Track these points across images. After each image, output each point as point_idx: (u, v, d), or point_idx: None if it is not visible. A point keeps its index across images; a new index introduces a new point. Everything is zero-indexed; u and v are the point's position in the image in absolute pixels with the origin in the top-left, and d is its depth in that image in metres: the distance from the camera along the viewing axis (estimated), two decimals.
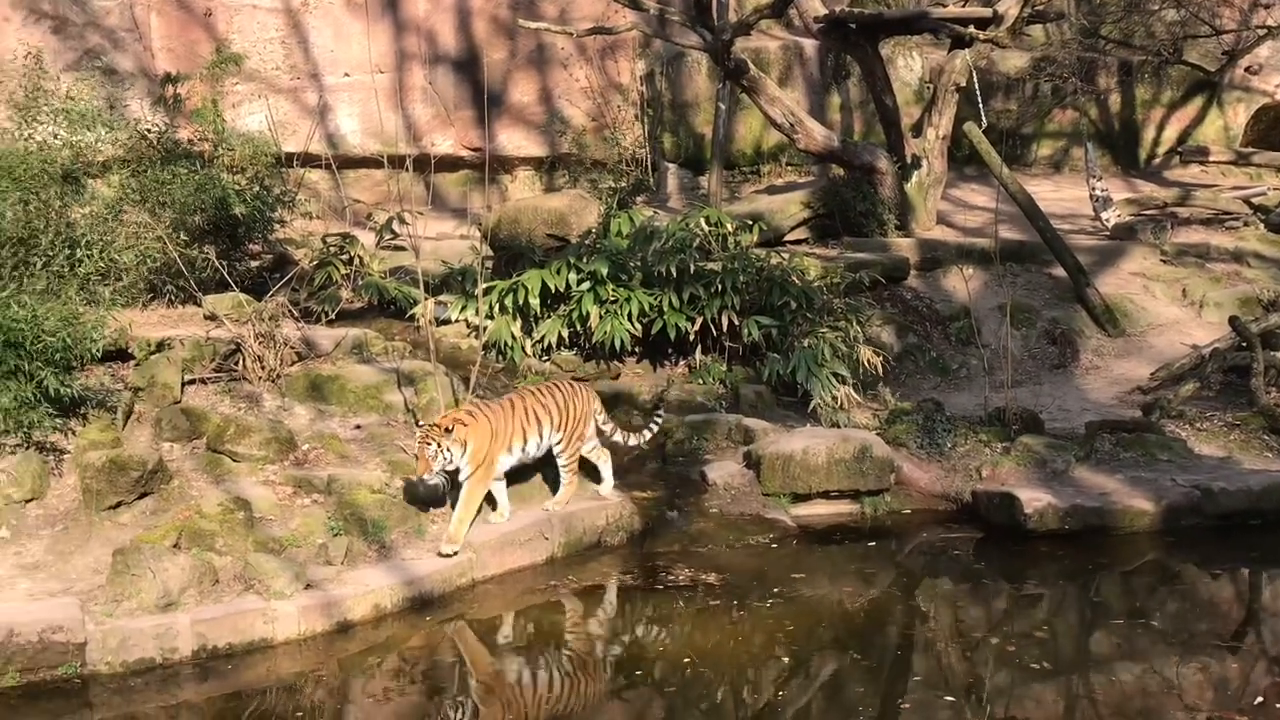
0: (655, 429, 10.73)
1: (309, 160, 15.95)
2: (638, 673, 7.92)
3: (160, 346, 10.74)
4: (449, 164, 17.12)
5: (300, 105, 16.79)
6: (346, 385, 11.08)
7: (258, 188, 13.48)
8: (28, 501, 9.11)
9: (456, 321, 13.01)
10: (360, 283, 13.49)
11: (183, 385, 10.47)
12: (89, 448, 9.35)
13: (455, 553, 9.02)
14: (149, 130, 13.59)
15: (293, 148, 15.73)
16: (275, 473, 9.81)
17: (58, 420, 9.47)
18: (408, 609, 8.71)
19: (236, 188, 13.02)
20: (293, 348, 11.27)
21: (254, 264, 13.70)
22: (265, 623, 8.13)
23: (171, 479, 9.42)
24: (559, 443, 9.87)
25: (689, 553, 9.90)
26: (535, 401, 9.76)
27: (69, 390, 9.47)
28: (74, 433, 9.62)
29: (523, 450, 9.66)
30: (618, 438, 10.48)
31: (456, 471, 9.25)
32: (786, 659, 8.07)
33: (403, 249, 14.46)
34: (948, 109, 17.00)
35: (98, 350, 9.81)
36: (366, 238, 14.69)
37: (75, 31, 15.70)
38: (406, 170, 14.50)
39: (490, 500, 9.69)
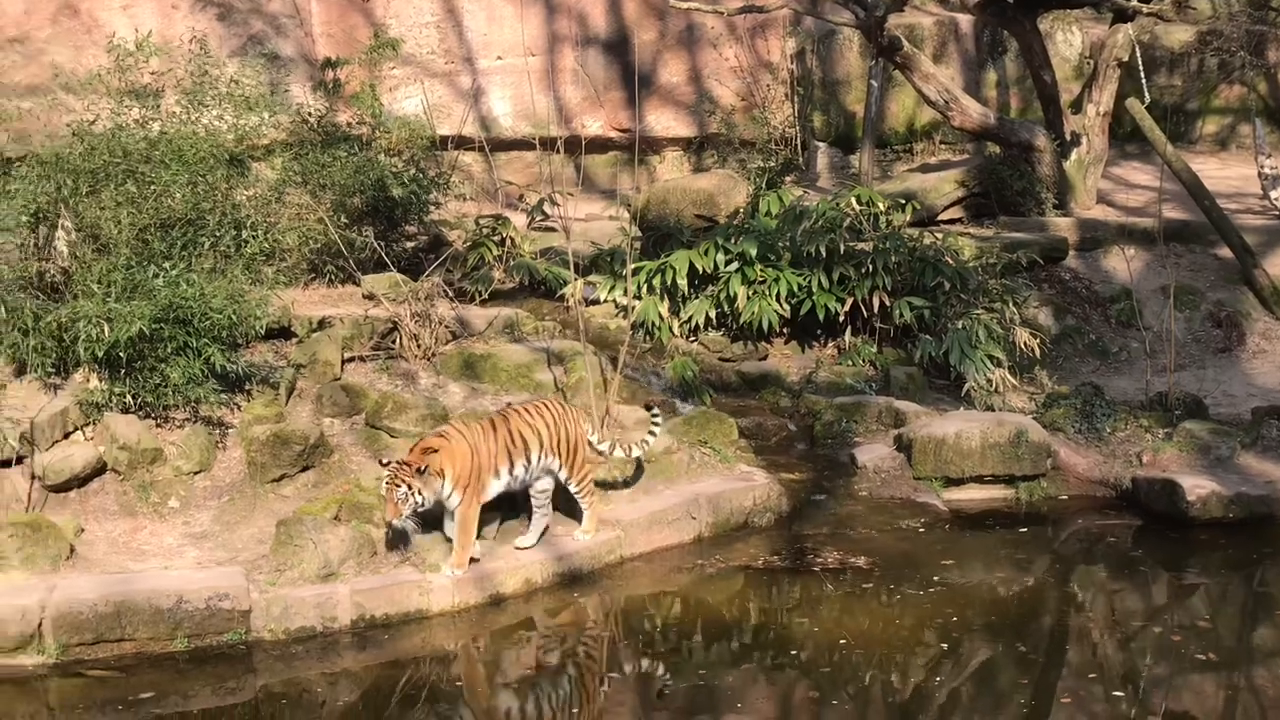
0: (653, 439, 9.70)
1: (462, 143, 16.20)
2: (785, 654, 7.88)
3: (321, 325, 11.05)
4: (598, 145, 17.22)
5: (454, 89, 17.06)
6: (498, 364, 11.25)
7: (414, 170, 13.75)
8: (195, 474, 9.46)
9: (605, 302, 13.10)
10: (512, 263, 13.66)
11: (342, 362, 10.75)
12: (254, 422, 9.66)
13: (458, 575, 8.43)
14: (310, 114, 13.96)
15: (447, 131, 16.00)
16: None
17: (224, 395, 9.81)
18: (557, 584, 8.82)
19: (394, 170, 13.30)
20: (447, 327, 11.49)
21: (410, 245, 13.97)
22: (421, 595, 8.31)
23: (332, 453, 9.69)
24: (560, 470, 8.97)
25: (838, 535, 9.82)
26: (522, 422, 8.89)
27: (235, 366, 9.79)
28: (239, 407, 9.95)
29: (510, 474, 8.77)
30: (618, 452, 9.52)
31: (443, 502, 8.51)
32: (937, 645, 7.96)
33: (553, 230, 14.61)
34: (1109, 85, 16.49)
35: (261, 328, 10.13)
36: (518, 219, 14.88)
37: (240, 18, 16.19)
38: (557, 152, 14.62)
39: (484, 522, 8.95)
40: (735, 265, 12.68)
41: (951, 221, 15.62)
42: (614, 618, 8.68)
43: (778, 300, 12.47)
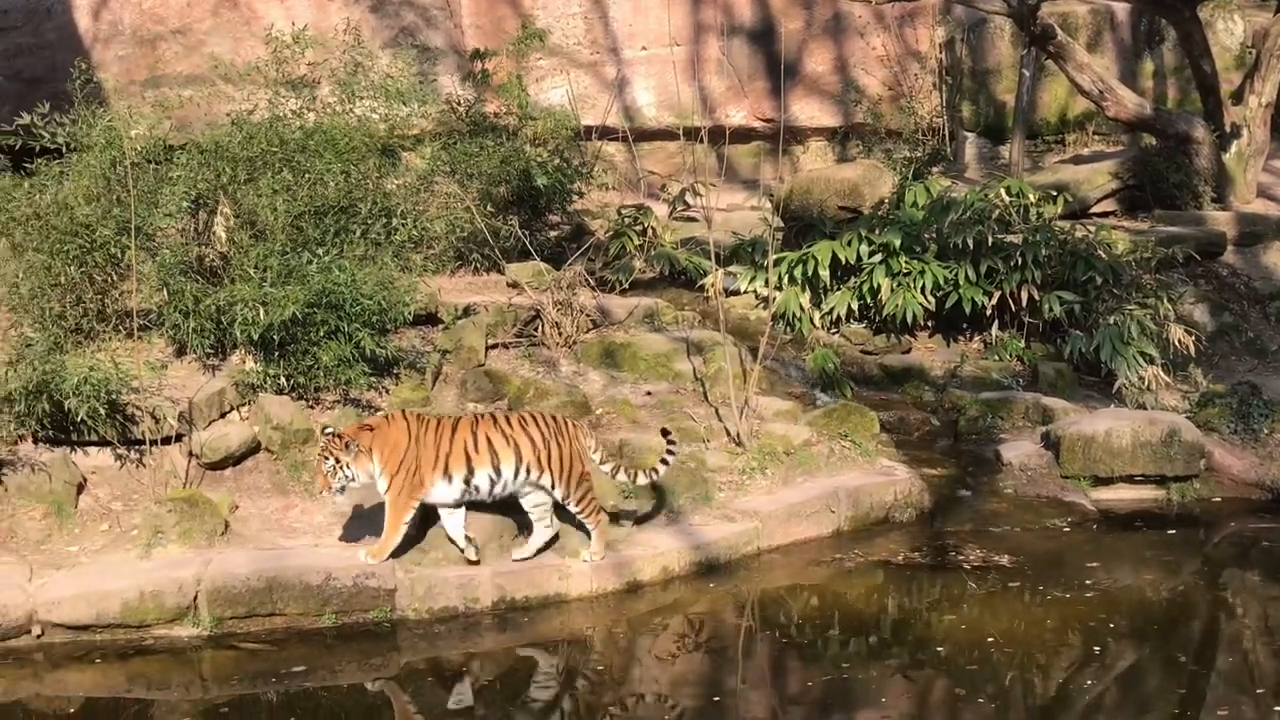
0: (672, 459, 8.91)
1: (606, 133, 16.29)
2: (925, 652, 7.78)
3: (466, 312, 11.23)
4: (741, 135, 17.16)
5: (599, 79, 17.16)
6: (638, 353, 11.31)
7: (558, 160, 13.87)
8: None
9: (746, 292, 13.06)
10: (653, 253, 13.71)
11: (486, 349, 10.91)
12: (400, 405, 9.86)
13: (372, 565, 8.19)
14: (458, 105, 14.18)
15: (591, 121, 16.10)
16: None
17: (372, 378, 10.03)
18: (694, 573, 8.84)
19: (539, 160, 13.44)
20: (588, 315, 11.59)
21: (553, 234, 14.11)
22: (560, 579, 8.41)
23: None
24: (555, 486, 8.43)
25: (981, 533, 9.65)
26: (494, 430, 8.40)
27: (383, 351, 10.01)
28: (387, 391, 10.18)
29: (466, 482, 8.29)
30: (621, 477, 8.80)
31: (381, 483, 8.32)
32: (1083, 648, 7.77)
33: (694, 220, 14.61)
34: (1272, 75, 15.86)
35: (409, 314, 10.34)
36: (659, 209, 14.91)
37: (392, 10, 16.52)
38: (700, 142, 14.62)
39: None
40: (879, 256, 12.53)
41: (1104, 214, 15.21)
42: (750, 609, 8.67)
43: (922, 293, 12.30)
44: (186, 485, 9.09)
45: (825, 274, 12.62)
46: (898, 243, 12.49)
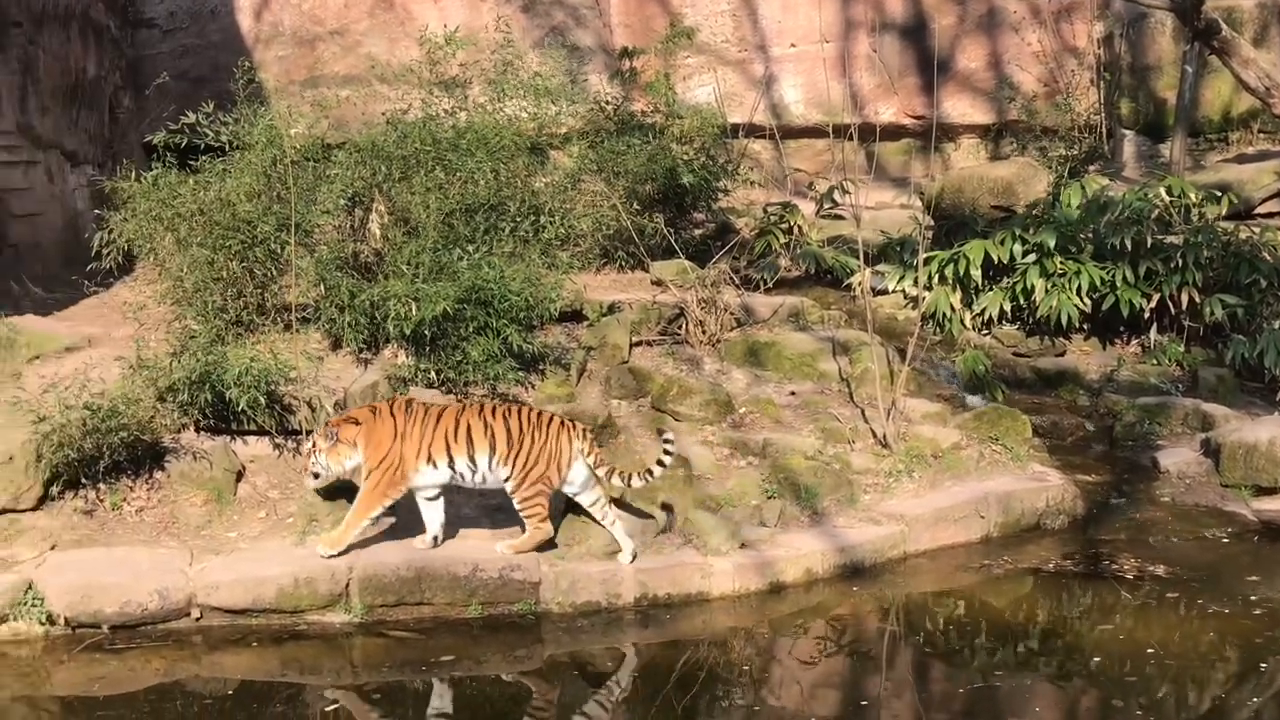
0: (669, 460, 8.56)
1: (752, 131, 16.21)
2: (1074, 662, 7.58)
3: (611, 309, 11.29)
4: (890, 132, 16.91)
5: (746, 76, 17.09)
6: (783, 352, 11.24)
7: (704, 158, 13.86)
8: None
9: (894, 292, 12.89)
10: (798, 251, 13.62)
11: (630, 346, 10.96)
12: (546, 401, 9.97)
13: (329, 556, 8.16)
14: (606, 103, 14.26)
15: (737, 118, 16.03)
16: (714, 433, 10.10)
17: (519, 374, 10.15)
18: (837, 576, 8.76)
19: (685, 158, 13.45)
20: (732, 314, 11.56)
21: (698, 232, 14.11)
22: (702, 577, 8.40)
23: (619, 434, 9.89)
24: (507, 479, 8.37)
25: (1135, 542, 9.37)
26: (475, 418, 8.42)
27: (530, 346, 10.13)
28: (533, 386, 10.29)
29: (450, 468, 8.37)
30: (616, 481, 8.48)
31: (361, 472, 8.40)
32: (1243, 664, 7.49)
33: (841, 218, 14.46)
34: None
35: (555, 310, 10.43)
36: (806, 207, 14.80)
37: (542, 10, 16.68)
38: (849, 139, 14.46)
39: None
40: (1033, 256, 12.26)
41: (1270, 215, 14.62)
42: (895, 614, 8.54)
43: (1078, 294, 12.00)
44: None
45: (977, 274, 12.39)
46: (1052, 242, 12.20)
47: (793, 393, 10.80)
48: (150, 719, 7.02)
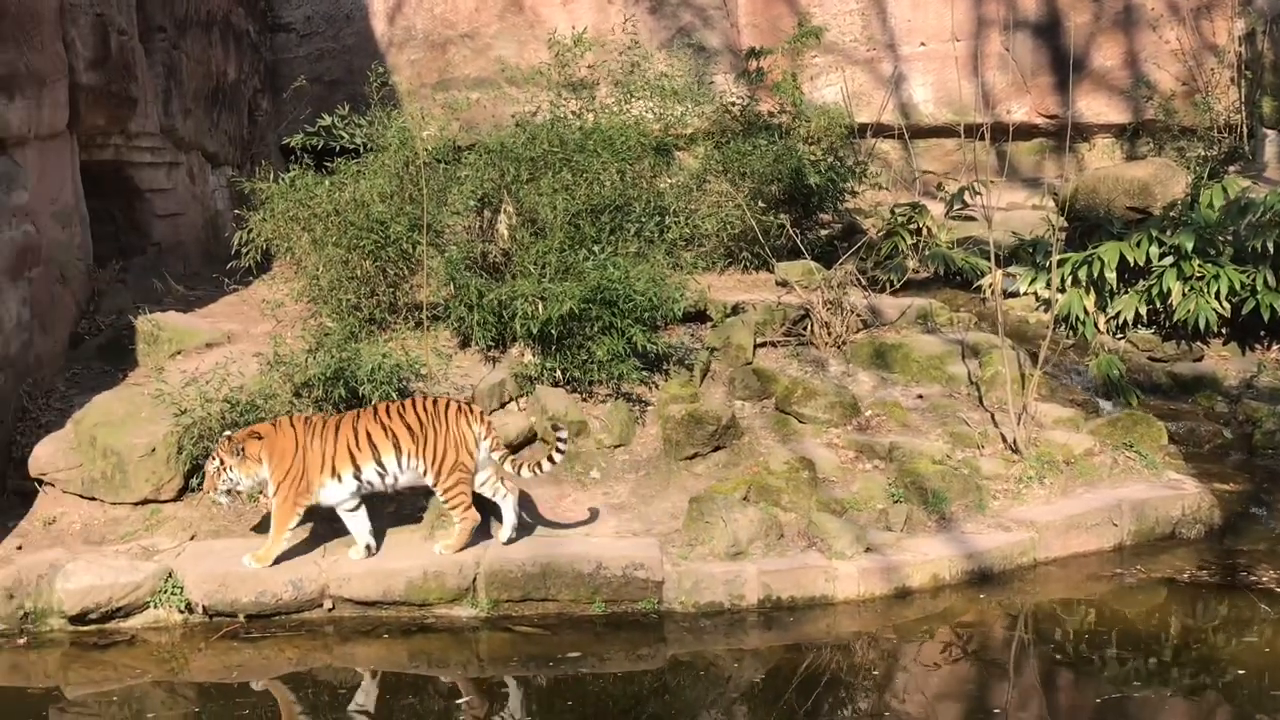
0: (559, 458, 8.59)
1: (880, 130, 16.07)
2: (1209, 676, 7.36)
3: (735, 310, 11.28)
4: (1022, 132, 16.62)
5: (874, 76, 16.94)
6: (910, 354, 11.11)
7: (831, 158, 13.78)
8: (615, 447, 9.89)
9: (1025, 294, 12.66)
10: (927, 253, 13.45)
11: (754, 347, 10.93)
12: (670, 401, 10.00)
13: (254, 567, 8.19)
14: (732, 104, 14.25)
15: (865, 118, 15.91)
16: (838, 436, 10.03)
17: (643, 374, 10.20)
18: (965, 582, 8.63)
19: (812, 158, 13.38)
20: (858, 315, 11.46)
21: (824, 233, 14.02)
22: (826, 580, 8.35)
23: (742, 435, 9.88)
24: (427, 473, 8.37)
25: (1276, 553, 9.07)
26: (372, 422, 8.39)
27: (654, 347, 10.17)
28: (657, 386, 10.32)
29: (356, 478, 8.33)
30: (507, 468, 8.56)
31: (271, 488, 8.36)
32: None
33: (971, 219, 14.25)
34: None
35: (680, 311, 10.47)
36: (935, 208, 14.61)
37: (670, 11, 16.74)
38: (981, 139, 14.23)
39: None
40: (1170, 259, 11.94)
41: None
42: (1023, 622, 8.38)
43: (1217, 298, 11.66)
44: None
45: (1111, 276, 12.11)
46: (1190, 245, 11.87)
47: (920, 396, 10.67)
48: (285, 707, 7.20)
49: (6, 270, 9.28)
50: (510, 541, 8.49)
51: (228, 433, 8.49)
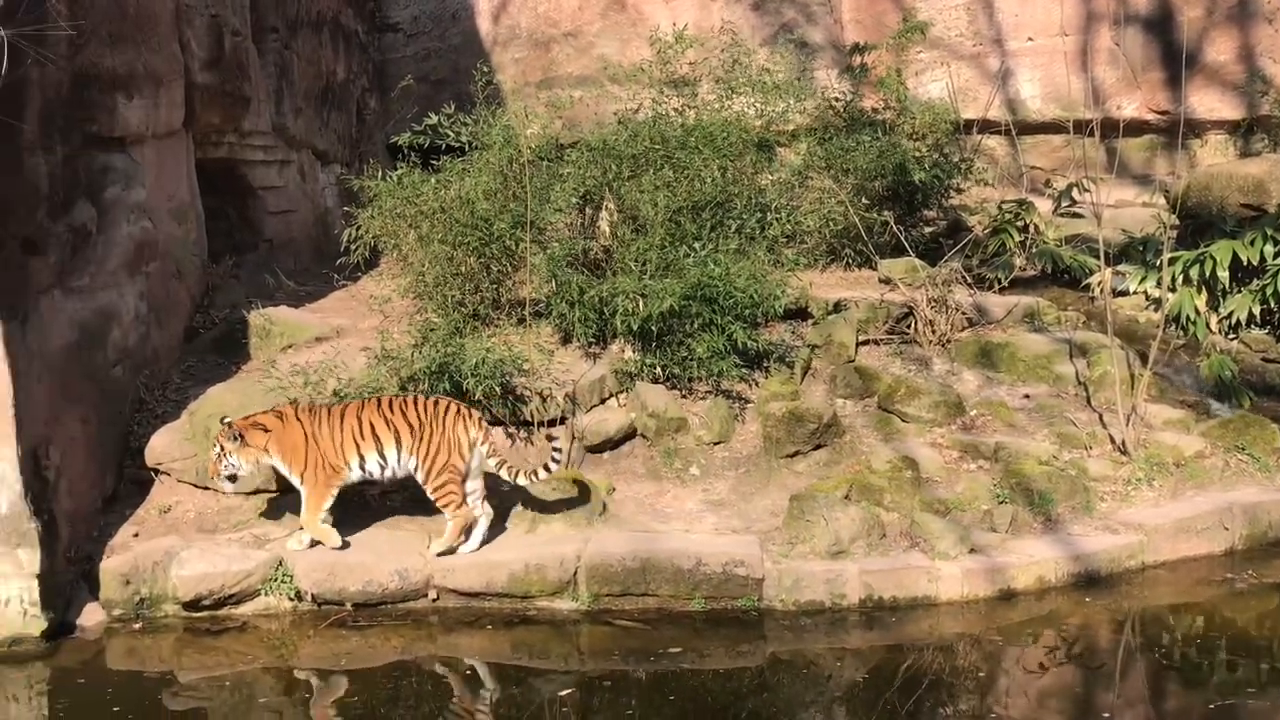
0: (554, 467, 8.69)
1: (986, 126, 15.84)
2: None
3: (837, 307, 11.22)
4: (1132, 128, 16.28)
5: (980, 71, 16.71)
6: (1016, 353, 10.96)
7: (936, 155, 13.62)
8: (715, 444, 9.90)
9: (1135, 293, 12.40)
10: (1034, 250, 13.24)
11: (856, 345, 10.86)
12: (770, 398, 9.98)
13: (295, 549, 8.49)
14: (835, 99, 14.16)
15: (970, 114, 15.69)
16: (942, 435, 9.93)
17: (743, 371, 10.20)
18: (1071, 585, 8.52)
19: (916, 154, 13.23)
20: (963, 313, 11.33)
21: (928, 230, 13.85)
22: (929, 581, 8.28)
23: (844, 434, 9.83)
24: (417, 470, 8.57)
25: None
26: (375, 414, 8.62)
27: (754, 344, 10.16)
28: (757, 384, 10.32)
29: (361, 468, 8.59)
30: (504, 475, 8.66)
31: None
32: None
33: (1079, 216, 13.99)
34: None
35: (780, 308, 10.44)
36: (1042, 205, 14.37)
37: (772, 7, 16.65)
38: (1091, 135, 13.98)
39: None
40: None
41: None
42: (1130, 626, 8.25)
43: None
44: (569, 466, 9.52)
45: (1224, 275, 11.81)
46: None
47: (1027, 395, 10.52)
48: (391, 694, 7.33)
49: (125, 265, 9.56)
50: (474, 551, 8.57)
51: (227, 419, 8.70)
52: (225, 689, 7.48)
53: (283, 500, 9.00)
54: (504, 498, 9.11)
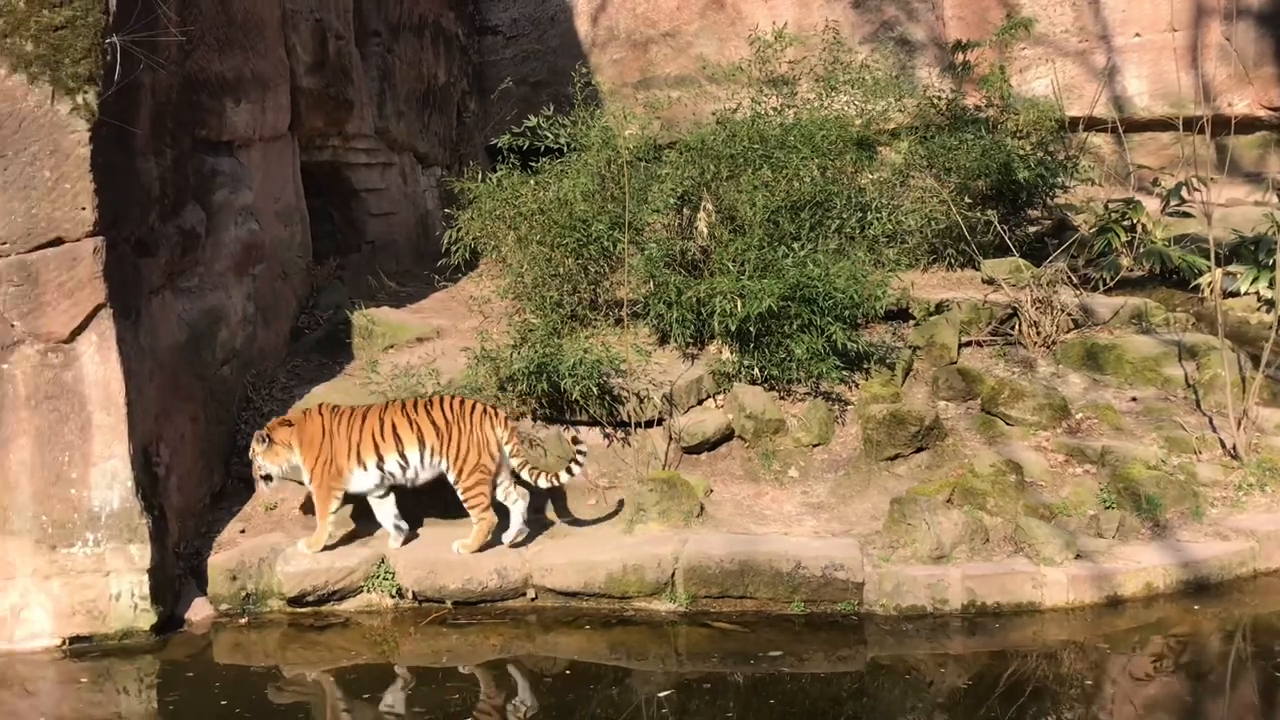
0: (578, 470, 8.72)
1: (1092, 124, 15.54)
2: None
3: (939, 308, 11.07)
4: (1244, 125, 15.85)
5: (1086, 68, 16.39)
6: (1123, 355, 10.73)
7: (1041, 153, 13.39)
8: (814, 446, 9.83)
9: (1246, 294, 12.07)
10: (1141, 250, 12.95)
11: (959, 346, 10.71)
12: (871, 400, 9.88)
13: (308, 553, 8.50)
14: (937, 97, 13.99)
15: (1076, 111, 15.40)
16: (1047, 439, 9.76)
17: (843, 372, 10.10)
18: (1180, 592, 8.32)
19: (1020, 153, 13.02)
20: (1069, 314, 11.12)
21: (1032, 229, 13.63)
22: (1034, 587, 8.14)
23: (946, 436, 9.70)
24: (449, 471, 8.59)
25: None
26: (400, 416, 8.63)
27: (854, 345, 10.07)
28: (856, 385, 10.22)
29: (379, 468, 8.59)
30: (525, 476, 8.68)
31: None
32: None
33: (1188, 216, 13.66)
34: None
35: (881, 309, 10.34)
36: (1150, 204, 14.05)
37: (873, 5, 16.50)
38: (1200, 132, 13.64)
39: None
40: None
41: None
42: (1241, 635, 8.02)
43: None
44: (666, 467, 9.52)
45: None
46: None
47: (1134, 398, 10.29)
48: (491, 693, 7.38)
49: (233, 267, 9.75)
50: (515, 545, 8.60)
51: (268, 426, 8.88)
52: (330, 684, 7.59)
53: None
54: (603, 495, 9.12)
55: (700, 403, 10.05)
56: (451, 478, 8.62)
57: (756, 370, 10.13)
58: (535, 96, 14.92)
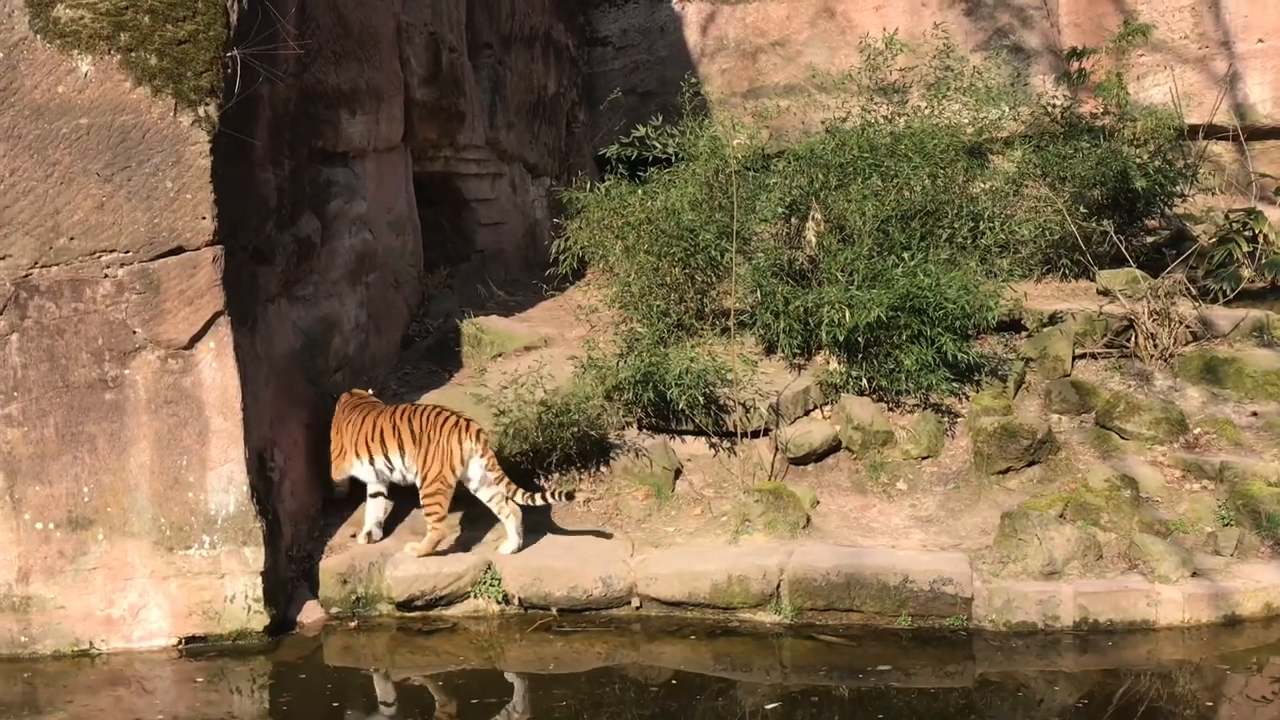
0: (548, 496, 8.83)
1: (1212, 132, 15.16)
2: None
3: (1052, 319, 10.87)
4: None
5: (1206, 75, 16.00)
6: (1244, 369, 10.43)
7: (1159, 161, 13.07)
8: (923, 458, 9.71)
9: None
10: (1264, 261, 12.56)
11: (1073, 359, 10.50)
12: (981, 413, 9.74)
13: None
14: (1052, 105, 13.75)
15: (1195, 119, 15.04)
16: (1164, 454, 9.52)
17: (953, 384, 9.98)
18: None
19: (1137, 161, 12.74)
20: (1187, 327, 10.84)
21: (1149, 239, 13.31)
22: (1148, 605, 7.95)
23: (1059, 450, 9.52)
24: (416, 476, 8.85)
25: None
26: (386, 421, 8.96)
27: (965, 356, 9.93)
28: (967, 397, 10.08)
29: (371, 465, 8.96)
30: (503, 489, 8.77)
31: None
32: None
33: None
34: None
35: (993, 320, 10.18)
36: (1273, 214, 13.64)
37: (986, 12, 16.28)
38: None
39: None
40: None
41: None
42: None
43: None
44: (772, 477, 9.48)
45: None
46: None
47: (1255, 413, 10.00)
48: (596, 701, 7.41)
49: (347, 275, 9.94)
50: (514, 553, 8.74)
51: None
52: (439, 689, 7.68)
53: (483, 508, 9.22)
54: (707, 505, 9.11)
55: (807, 413, 9.99)
56: (417, 483, 8.88)
57: (864, 381, 10.04)
58: (644, 106, 14.97)
